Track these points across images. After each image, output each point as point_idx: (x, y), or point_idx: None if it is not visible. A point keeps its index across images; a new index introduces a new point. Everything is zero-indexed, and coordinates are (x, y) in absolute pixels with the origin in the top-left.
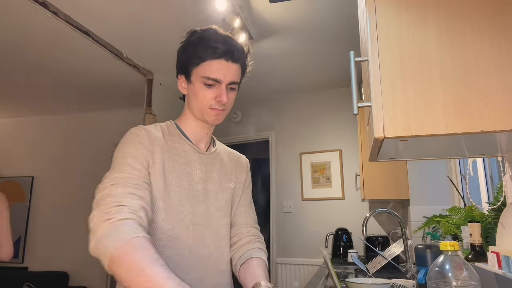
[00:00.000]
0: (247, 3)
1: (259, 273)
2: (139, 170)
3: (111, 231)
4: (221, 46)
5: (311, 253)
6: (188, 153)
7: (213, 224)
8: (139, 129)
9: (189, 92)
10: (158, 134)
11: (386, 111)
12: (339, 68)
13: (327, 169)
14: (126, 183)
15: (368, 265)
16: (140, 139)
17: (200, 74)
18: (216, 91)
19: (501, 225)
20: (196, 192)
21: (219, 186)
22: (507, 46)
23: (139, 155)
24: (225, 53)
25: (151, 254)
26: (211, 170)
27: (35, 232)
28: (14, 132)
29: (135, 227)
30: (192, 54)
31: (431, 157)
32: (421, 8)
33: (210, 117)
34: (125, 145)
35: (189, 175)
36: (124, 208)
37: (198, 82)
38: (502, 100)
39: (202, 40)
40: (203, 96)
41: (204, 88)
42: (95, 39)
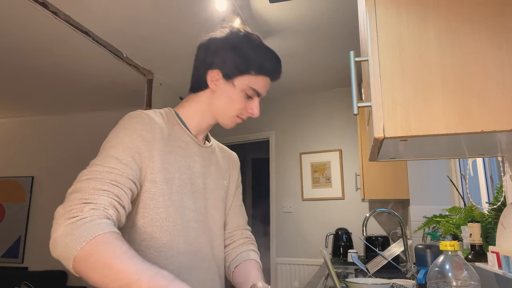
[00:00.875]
0: (247, 3)
1: (255, 274)
2: (126, 164)
3: (72, 231)
4: (277, 67)
5: (311, 253)
6: (189, 144)
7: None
8: (139, 114)
9: (222, 91)
10: (160, 121)
11: (386, 111)
12: (339, 68)
13: (327, 169)
14: (102, 178)
15: (368, 265)
16: (138, 127)
17: (250, 84)
18: (252, 103)
19: (501, 225)
20: (197, 187)
21: (216, 182)
22: (507, 46)
23: (131, 147)
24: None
25: (119, 248)
26: (209, 165)
27: (35, 232)
28: (14, 132)
29: (99, 224)
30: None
31: (431, 157)
32: (421, 8)
33: (230, 123)
34: (120, 132)
35: (190, 168)
36: (89, 205)
37: (241, 89)
38: (502, 100)
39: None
40: (240, 104)
41: (243, 97)
42: (95, 39)
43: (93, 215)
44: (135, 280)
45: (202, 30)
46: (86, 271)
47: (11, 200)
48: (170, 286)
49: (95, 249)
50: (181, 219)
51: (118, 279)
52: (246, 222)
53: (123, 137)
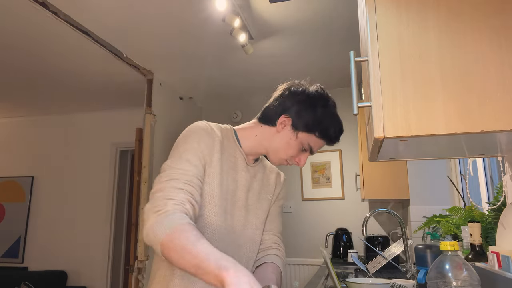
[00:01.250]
0: (247, 3)
1: (271, 278)
2: (195, 166)
3: (160, 221)
4: (338, 136)
5: (311, 253)
6: (238, 160)
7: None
8: (204, 124)
9: (284, 135)
10: (219, 134)
11: (386, 111)
12: (339, 68)
13: (327, 169)
14: (179, 179)
15: (368, 265)
16: (204, 134)
17: (309, 141)
18: (302, 155)
19: (501, 225)
20: (238, 198)
21: (258, 196)
22: (507, 46)
23: (199, 151)
24: (333, 142)
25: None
26: (253, 181)
27: (35, 232)
28: (14, 132)
29: (180, 216)
30: (315, 124)
31: (431, 157)
32: (421, 8)
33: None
34: (189, 138)
35: (235, 180)
36: (171, 201)
37: (300, 142)
38: (502, 100)
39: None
40: (292, 152)
41: (299, 149)
42: (95, 39)
43: (175, 209)
44: (205, 260)
45: (202, 30)
46: (169, 253)
47: (11, 200)
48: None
49: (176, 235)
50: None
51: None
52: (279, 230)
53: (192, 143)
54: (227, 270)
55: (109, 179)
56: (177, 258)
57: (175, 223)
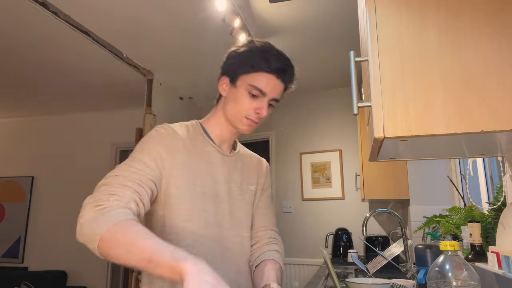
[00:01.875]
0: (247, 3)
1: (271, 275)
2: (149, 167)
3: (98, 216)
4: (277, 63)
5: (311, 253)
6: (211, 153)
7: (236, 226)
8: (164, 126)
9: (229, 95)
10: (183, 133)
11: (386, 111)
12: (339, 68)
13: (327, 169)
14: (128, 176)
15: (368, 265)
16: (162, 137)
17: (249, 82)
18: (258, 103)
19: (501, 225)
20: (219, 193)
21: (241, 188)
22: (507, 46)
23: (155, 153)
24: (278, 70)
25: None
26: (233, 172)
27: (35, 232)
28: (14, 132)
29: (124, 212)
30: (246, 61)
31: (431, 157)
32: (421, 8)
33: (242, 126)
34: (146, 140)
35: (212, 175)
36: (114, 196)
37: (243, 89)
38: (502, 100)
39: (261, 50)
40: (244, 104)
41: (247, 97)
42: (95, 39)
43: (118, 205)
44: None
45: (202, 30)
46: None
47: (11, 200)
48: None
49: (120, 230)
50: (204, 221)
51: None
52: (272, 223)
53: (148, 144)
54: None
55: None
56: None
57: (119, 218)
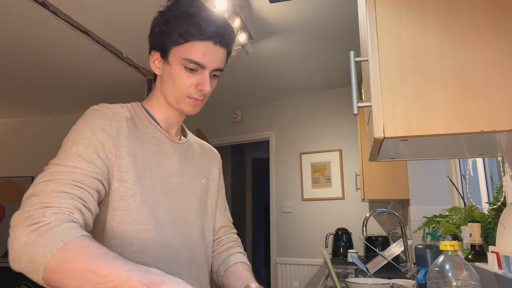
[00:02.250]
0: (247, 3)
1: (248, 276)
2: (90, 162)
3: (37, 239)
4: (211, 27)
5: (311, 253)
6: (160, 140)
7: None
8: (101, 107)
9: (164, 73)
10: (125, 114)
11: (386, 111)
12: (339, 68)
13: (327, 169)
14: (63, 179)
15: (368, 265)
16: (101, 122)
17: (182, 55)
18: (198, 77)
19: (501, 225)
20: (171, 186)
21: (193, 181)
22: (507, 46)
23: (95, 142)
24: (214, 35)
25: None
26: (185, 162)
27: None
28: (14, 132)
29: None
30: (174, 30)
31: (431, 157)
32: (421, 8)
33: (186, 107)
34: (81, 127)
35: (162, 166)
36: (51, 209)
37: (177, 64)
38: (502, 100)
39: (189, 15)
40: (182, 82)
41: (184, 72)
42: (95, 39)
43: (58, 219)
44: (124, 280)
45: None
46: (61, 280)
47: (11, 200)
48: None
49: (70, 255)
50: (155, 221)
51: (104, 282)
52: (231, 224)
53: (84, 132)
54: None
55: None
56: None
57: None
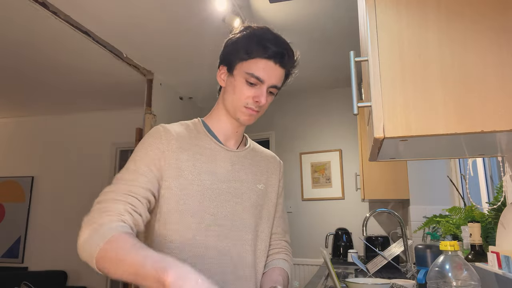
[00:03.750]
0: (247, 3)
1: (278, 280)
2: (141, 174)
3: (91, 236)
4: (274, 47)
5: (311, 253)
6: (213, 151)
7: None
8: (155, 129)
9: (228, 85)
10: (179, 132)
11: (386, 111)
12: (339, 68)
13: (327, 169)
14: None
15: (368, 265)
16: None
17: (245, 69)
18: (256, 91)
19: (501, 225)
20: (221, 191)
21: (247, 186)
22: (507, 46)
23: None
24: (275, 55)
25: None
26: (239, 169)
27: (35, 232)
28: (14, 132)
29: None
30: (242, 48)
31: (431, 157)
32: (421, 8)
33: (242, 116)
34: (138, 148)
35: (213, 173)
36: (106, 213)
37: (240, 77)
38: (502, 100)
39: (256, 36)
40: (242, 93)
41: (245, 85)
42: (95, 39)
43: (110, 220)
44: (141, 267)
45: (202, 30)
46: (105, 267)
47: (11, 200)
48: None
49: (109, 248)
50: (198, 223)
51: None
52: (286, 232)
53: (140, 152)
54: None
55: (109, 179)
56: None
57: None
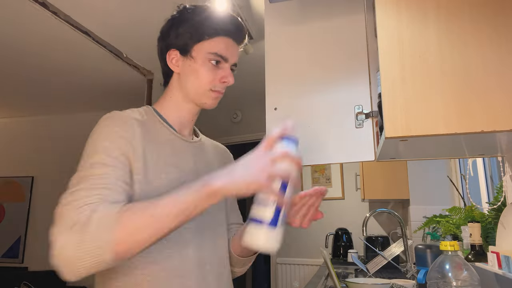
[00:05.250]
0: (247, 3)
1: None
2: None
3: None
4: (232, 26)
5: (311, 253)
6: (173, 141)
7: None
8: (113, 114)
9: (186, 70)
10: (137, 118)
11: (386, 111)
12: None
13: (327, 169)
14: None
15: (368, 265)
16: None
17: (207, 50)
18: (222, 71)
19: (501, 225)
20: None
21: None
22: (507, 46)
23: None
24: (235, 32)
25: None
26: (200, 161)
27: (35, 232)
28: (14, 132)
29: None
30: (197, 28)
31: (431, 157)
32: (421, 8)
33: (209, 100)
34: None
35: (178, 167)
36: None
37: (202, 58)
38: (502, 100)
39: (210, 15)
40: (207, 75)
41: (209, 67)
42: (95, 39)
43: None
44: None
45: None
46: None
47: (11, 200)
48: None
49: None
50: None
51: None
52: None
53: (103, 142)
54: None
55: None
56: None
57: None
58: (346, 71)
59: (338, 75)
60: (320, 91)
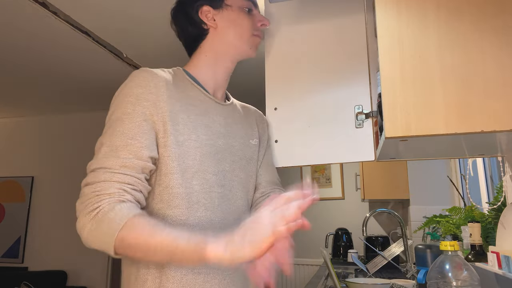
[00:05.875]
0: None
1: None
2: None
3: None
4: None
5: (311, 253)
6: (204, 102)
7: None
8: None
9: (224, 22)
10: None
11: (386, 111)
12: None
13: (327, 169)
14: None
15: (368, 265)
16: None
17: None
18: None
19: (501, 225)
20: (219, 148)
21: (241, 142)
22: (508, 46)
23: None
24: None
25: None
26: (231, 124)
27: (35, 232)
28: (14, 132)
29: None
30: None
31: (431, 157)
32: (421, 8)
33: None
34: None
35: (209, 128)
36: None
37: (237, 7)
38: (502, 100)
39: None
40: (248, 21)
41: (245, 13)
42: (95, 39)
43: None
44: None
45: None
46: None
47: (11, 200)
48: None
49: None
50: (201, 185)
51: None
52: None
53: (125, 107)
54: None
55: None
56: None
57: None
58: (346, 71)
59: (338, 75)
60: (320, 91)
